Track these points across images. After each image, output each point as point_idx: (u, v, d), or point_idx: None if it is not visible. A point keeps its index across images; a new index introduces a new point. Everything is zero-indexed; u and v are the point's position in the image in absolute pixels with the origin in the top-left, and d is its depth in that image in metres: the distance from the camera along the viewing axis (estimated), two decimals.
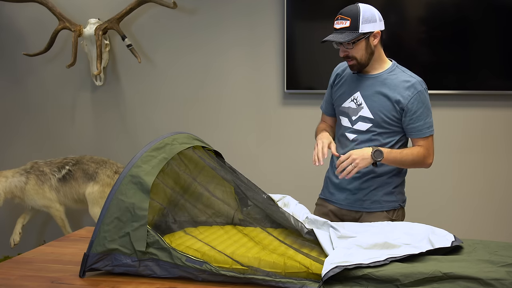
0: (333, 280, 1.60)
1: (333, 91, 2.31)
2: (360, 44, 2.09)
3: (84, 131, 3.98)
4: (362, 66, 2.15)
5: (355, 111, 2.19)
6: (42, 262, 1.95)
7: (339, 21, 2.10)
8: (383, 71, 2.18)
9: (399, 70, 2.20)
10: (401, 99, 2.12)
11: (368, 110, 2.15)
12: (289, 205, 2.10)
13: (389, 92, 2.14)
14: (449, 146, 3.41)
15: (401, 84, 2.14)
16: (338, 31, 2.09)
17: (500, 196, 3.39)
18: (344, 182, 2.22)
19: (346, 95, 2.23)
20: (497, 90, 3.27)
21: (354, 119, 2.19)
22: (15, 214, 3.84)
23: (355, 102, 2.19)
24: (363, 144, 2.16)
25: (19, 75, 4.04)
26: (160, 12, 3.69)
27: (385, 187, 2.22)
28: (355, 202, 2.23)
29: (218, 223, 2.12)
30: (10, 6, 3.90)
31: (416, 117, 2.13)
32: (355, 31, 2.06)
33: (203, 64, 3.71)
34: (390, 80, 2.16)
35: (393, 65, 2.21)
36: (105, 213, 1.76)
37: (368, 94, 2.16)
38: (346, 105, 2.22)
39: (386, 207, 2.23)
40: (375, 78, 2.18)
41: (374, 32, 2.10)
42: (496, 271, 1.57)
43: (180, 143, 2.00)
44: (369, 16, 2.08)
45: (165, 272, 1.74)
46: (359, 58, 2.12)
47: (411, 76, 2.17)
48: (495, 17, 3.21)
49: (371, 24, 2.08)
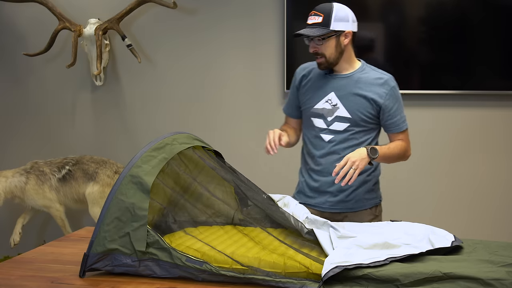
0: (333, 280, 1.60)
1: (300, 93, 2.31)
2: (330, 42, 2.12)
3: (84, 131, 3.98)
4: (330, 64, 2.17)
5: (330, 111, 2.20)
6: (42, 262, 1.95)
7: (312, 16, 2.14)
8: (355, 71, 2.21)
9: (370, 68, 2.24)
10: (377, 97, 2.16)
11: (345, 109, 2.18)
12: (289, 205, 2.10)
13: (364, 90, 2.17)
14: (448, 146, 3.42)
15: (374, 82, 2.18)
16: (310, 26, 2.13)
17: (500, 196, 3.39)
18: (325, 185, 2.24)
19: (318, 96, 2.24)
20: (497, 90, 3.27)
21: (330, 120, 2.20)
22: (15, 214, 3.84)
23: (330, 102, 2.20)
24: (340, 144, 2.19)
25: (19, 75, 4.04)
26: (160, 12, 3.69)
27: (366, 185, 2.26)
28: (338, 204, 2.23)
29: (218, 223, 2.12)
30: (10, 6, 3.90)
31: (393, 113, 2.19)
32: (326, 27, 2.10)
33: (203, 64, 3.72)
34: (363, 79, 2.19)
35: (363, 64, 2.25)
36: (105, 213, 1.76)
37: (343, 94, 2.18)
38: (320, 106, 2.22)
39: (369, 204, 2.28)
40: (348, 78, 2.20)
41: (345, 31, 2.13)
42: (496, 271, 1.57)
43: (180, 143, 1.99)
44: (342, 15, 2.12)
45: (165, 272, 1.74)
46: (328, 55, 2.15)
47: (383, 73, 2.22)
48: (495, 17, 3.22)
49: (343, 23, 2.12)
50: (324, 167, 2.23)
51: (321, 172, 2.24)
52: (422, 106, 3.41)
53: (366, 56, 3.36)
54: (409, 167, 3.47)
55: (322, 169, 2.24)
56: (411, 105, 3.43)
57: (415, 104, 3.42)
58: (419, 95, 3.38)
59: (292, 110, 2.38)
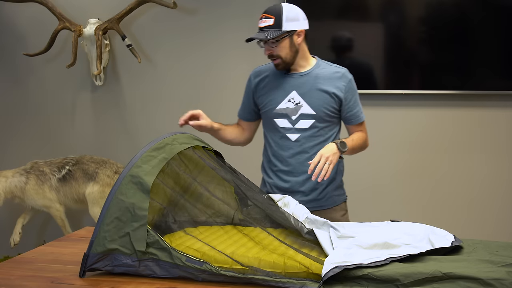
0: (333, 280, 1.60)
1: (258, 97, 2.31)
2: (284, 43, 2.14)
3: (84, 131, 3.98)
4: (287, 64, 2.19)
5: (294, 110, 2.22)
6: (42, 262, 1.95)
7: (263, 20, 2.15)
8: (312, 67, 2.24)
9: (325, 64, 2.27)
10: (337, 91, 2.20)
11: (308, 106, 2.20)
12: (289, 205, 2.09)
13: (324, 85, 2.20)
14: (448, 146, 3.42)
15: (333, 76, 2.22)
16: (262, 29, 2.14)
17: (500, 196, 3.39)
18: (296, 185, 2.25)
19: (279, 97, 2.24)
20: (497, 90, 3.27)
21: (294, 119, 2.22)
22: (15, 214, 3.84)
23: (293, 101, 2.22)
24: (308, 142, 2.21)
25: (19, 75, 4.04)
26: (160, 12, 3.69)
27: (334, 182, 2.30)
28: (309, 202, 2.23)
29: (218, 223, 2.12)
30: (10, 6, 3.90)
31: (352, 105, 2.24)
32: (278, 29, 2.11)
33: (203, 64, 3.71)
34: (321, 74, 2.22)
35: (318, 60, 2.28)
36: (105, 213, 1.76)
37: (305, 92, 2.21)
38: (283, 106, 2.23)
39: (339, 200, 2.33)
40: (307, 75, 2.23)
41: (297, 30, 2.15)
42: (496, 271, 1.57)
43: (180, 143, 1.99)
44: (293, 15, 2.14)
45: (165, 272, 1.74)
46: (283, 56, 2.16)
47: (338, 67, 2.26)
48: (495, 17, 3.21)
49: (294, 23, 2.13)
50: (294, 168, 2.25)
51: (292, 173, 2.26)
52: (422, 106, 3.41)
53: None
54: (409, 167, 3.47)
55: (292, 170, 2.26)
56: (411, 105, 3.43)
57: (415, 104, 3.42)
58: (419, 95, 3.38)
59: (245, 113, 2.41)
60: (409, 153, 3.47)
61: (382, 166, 3.51)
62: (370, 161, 3.51)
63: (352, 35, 3.36)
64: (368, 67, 3.40)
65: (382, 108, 3.46)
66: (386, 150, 3.49)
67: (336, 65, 2.28)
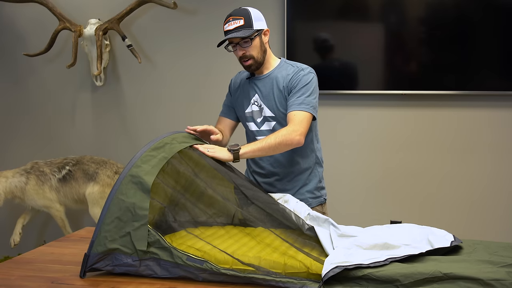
0: (333, 280, 1.60)
1: (233, 100, 2.35)
2: (256, 42, 2.16)
3: (84, 132, 3.98)
4: (259, 64, 2.20)
5: (258, 113, 2.24)
6: (42, 263, 1.95)
7: (232, 21, 2.13)
8: (273, 69, 2.24)
9: (288, 64, 2.25)
10: (283, 82, 2.17)
11: (267, 109, 2.21)
12: (289, 203, 2.10)
13: (280, 84, 2.19)
14: (448, 146, 3.42)
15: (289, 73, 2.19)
16: (233, 30, 2.12)
17: (500, 196, 3.39)
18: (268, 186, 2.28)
19: (247, 100, 2.27)
20: (497, 91, 3.27)
21: (259, 121, 2.25)
22: (15, 214, 3.85)
23: (257, 104, 2.24)
24: None
25: (19, 75, 4.04)
26: (161, 12, 3.69)
27: (307, 186, 2.28)
28: None
29: (219, 223, 2.12)
30: (10, 6, 3.90)
31: (293, 93, 2.14)
32: (250, 28, 2.12)
33: (203, 65, 3.72)
34: (280, 74, 2.21)
35: (282, 61, 2.27)
36: (106, 213, 1.76)
37: (265, 94, 2.22)
38: (250, 110, 2.26)
39: (314, 203, 2.30)
40: (267, 76, 2.24)
41: (264, 30, 2.18)
42: (496, 271, 1.57)
43: (180, 142, 2.00)
44: (258, 15, 2.17)
45: (166, 272, 1.74)
46: (255, 56, 2.17)
47: (300, 65, 2.22)
48: (495, 17, 3.22)
49: (261, 22, 2.17)
50: (265, 170, 2.29)
51: (265, 175, 2.30)
52: (422, 106, 3.42)
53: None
54: (409, 167, 3.47)
55: (264, 171, 2.29)
56: (411, 105, 3.44)
57: (415, 104, 3.42)
58: (419, 95, 3.39)
59: (229, 111, 2.37)
60: (409, 153, 3.47)
61: (382, 166, 3.51)
62: (371, 161, 3.51)
63: (351, 35, 3.36)
64: (368, 67, 3.40)
65: (382, 108, 3.46)
66: (386, 150, 3.50)
67: (300, 64, 2.23)
